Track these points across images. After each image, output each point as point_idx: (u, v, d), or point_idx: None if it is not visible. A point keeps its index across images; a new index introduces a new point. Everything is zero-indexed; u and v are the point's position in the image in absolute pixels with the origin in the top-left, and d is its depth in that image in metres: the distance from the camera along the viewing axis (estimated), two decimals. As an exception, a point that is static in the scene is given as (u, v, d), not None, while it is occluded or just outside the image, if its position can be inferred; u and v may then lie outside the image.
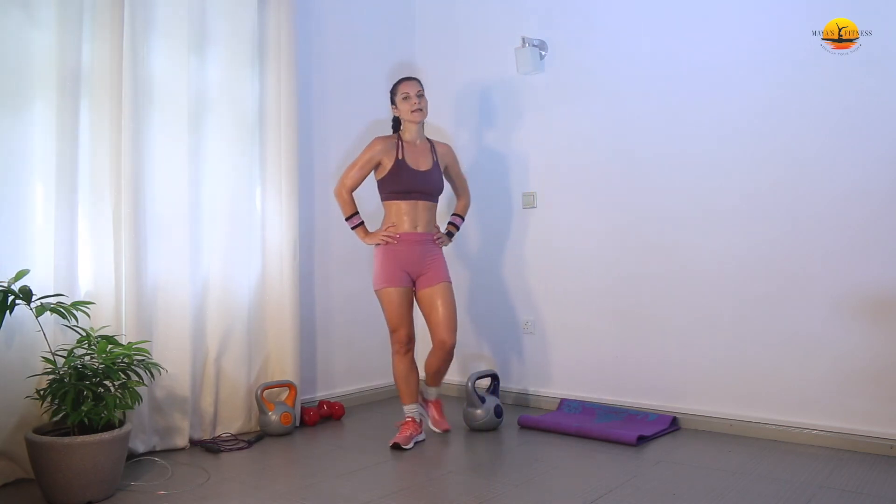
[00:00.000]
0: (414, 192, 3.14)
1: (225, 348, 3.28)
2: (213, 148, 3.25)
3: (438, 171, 3.24)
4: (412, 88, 3.14)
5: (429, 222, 3.20)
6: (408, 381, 3.21)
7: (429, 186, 3.18)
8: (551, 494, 2.49)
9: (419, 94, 3.15)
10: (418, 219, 3.16)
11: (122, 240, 2.89)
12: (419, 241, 3.17)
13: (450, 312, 3.16)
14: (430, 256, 3.19)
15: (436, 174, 3.22)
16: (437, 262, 3.21)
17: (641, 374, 3.56)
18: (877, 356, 2.94)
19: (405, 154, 3.16)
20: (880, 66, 2.93)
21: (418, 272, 3.17)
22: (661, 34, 3.49)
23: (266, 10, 3.46)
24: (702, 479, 2.64)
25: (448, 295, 3.18)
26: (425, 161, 3.20)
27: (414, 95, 3.13)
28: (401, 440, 3.07)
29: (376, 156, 3.16)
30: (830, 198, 3.04)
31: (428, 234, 3.19)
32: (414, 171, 3.14)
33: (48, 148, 2.71)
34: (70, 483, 2.35)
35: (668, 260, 3.47)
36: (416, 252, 3.15)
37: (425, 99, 3.20)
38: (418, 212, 3.16)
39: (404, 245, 3.14)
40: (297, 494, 2.50)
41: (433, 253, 3.21)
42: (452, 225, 3.40)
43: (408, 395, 3.21)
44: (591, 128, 3.72)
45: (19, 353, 2.61)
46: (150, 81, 3.01)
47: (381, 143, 3.18)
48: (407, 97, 3.13)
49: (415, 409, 3.23)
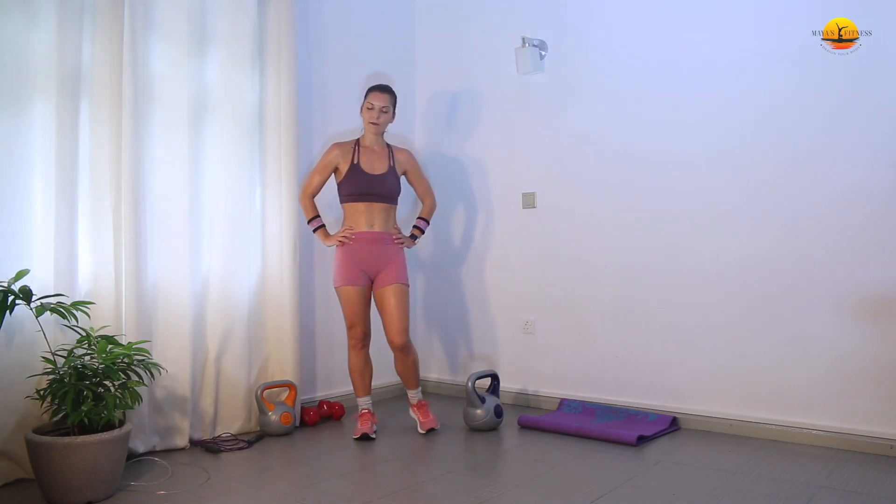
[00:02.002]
0: (368, 194, 3.27)
1: (225, 348, 3.28)
2: (212, 148, 3.25)
3: (394, 175, 3.34)
4: (378, 101, 3.29)
5: (385, 222, 3.31)
6: (362, 374, 3.35)
7: (382, 189, 3.29)
8: (551, 494, 2.49)
9: (383, 109, 3.29)
10: (374, 219, 3.28)
11: (121, 240, 2.89)
12: (374, 239, 3.27)
13: (400, 313, 3.26)
14: (386, 256, 3.29)
15: (390, 178, 3.32)
16: (393, 263, 3.29)
17: (641, 374, 3.56)
18: (877, 356, 2.94)
19: (360, 158, 3.30)
20: (880, 66, 2.93)
21: (375, 270, 3.28)
22: (661, 34, 3.49)
23: (266, 10, 3.46)
24: (702, 479, 2.64)
25: (399, 296, 3.26)
26: (380, 165, 3.32)
27: (378, 109, 3.28)
28: (366, 429, 3.24)
29: (333, 160, 3.31)
30: (831, 198, 3.04)
31: (384, 233, 3.30)
32: (368, 175, 3.27)
33: (48, 148, 2.71)
34: (70, 483, 2.35)
35: (669, 260, 3.47)
36: (371, 250, 3.26)
37: (389, 114, 3.33)
38: (374, 213, 3.28)
39: (360, 243, 3.26)
40: (297, 494, 2.50)
41: (390, 253, 3.30)
42: (417, 228, 3.48)
43: (361, 388, 3.36)
44: (591, 128, 3.72)
45: (19, 353, 2.61)
46: (150, 81, 3.01)
47: (338, 148, 3.33)
48: (371, 108, 3.29)
49: (368, 401, 3.37)
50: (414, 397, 3.42)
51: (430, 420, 3.37)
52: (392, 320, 3.25)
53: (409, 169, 3.45)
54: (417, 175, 3.49)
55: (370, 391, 3.39)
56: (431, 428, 3.34)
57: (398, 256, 3.33)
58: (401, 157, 3.42)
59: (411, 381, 3.40)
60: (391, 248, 3.31)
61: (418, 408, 3.40)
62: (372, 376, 3.40)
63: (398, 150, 3.43)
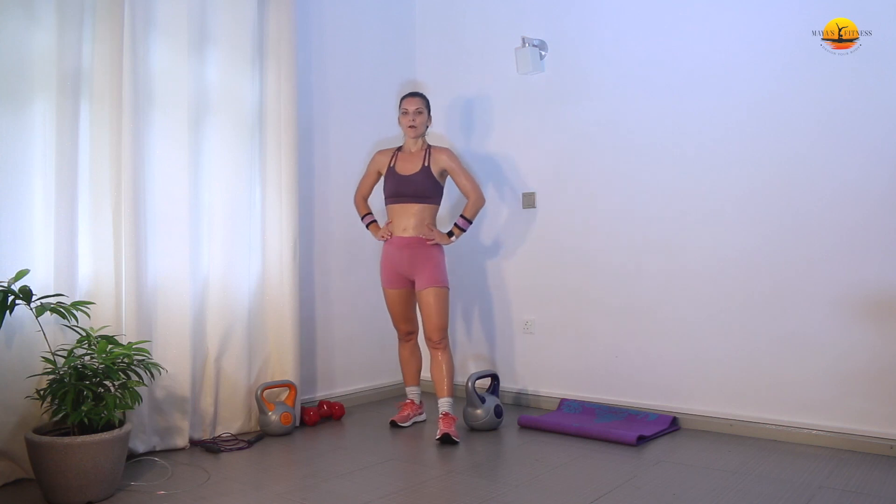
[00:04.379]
0: (399, 195, 3.38)
1: (225, 348, 3.28)
2: (213, 147, 3.25)
3: (426, 174, 3.36)
4: (411, 105, 3.39)
5: (418, 225, 3.36)
6: (408, 364, 3.60)
7: (412, 188, 3.35)
8: (551, 494, 2.49)
9: (417, 111, 3.38)
10: (408, 221, 3.36)
11: (122, 240, 2.89)
12: (406, 244, 3.36)
13: (435, 313, 3.32)
14: (421, 259, 3.34)
15: (421, 177, 3.35)
16: (428, 265, 3.33)
17: (641, 374, 3.56)
18: (877, 356, 2.94)
19: (397, 162, 3.43)
20: (880, 66, 2.93)
21: (411, 274, 3.38)
22: (661, 34, 3.49)
23: (266, 10, 3.46)
24: (702, 479, 2.64)
25: (434, 298, 3.31)
26: (413, 166, 3.39)
27: (412, 112, 3.38)
28: (398, 418, 3.45)
29: (375, 166, 3.53)
30: (831, 198, 3.04)
31: (416, 237, 3.35)
32: (400, 176, 3.38)
33: (48, 148, 2.71)
34: (70, 483, 2.35)
35: (668, 260, 3.47)
36: (403, 255, 3.36)
37: (424, 115, 3.42)
38: (407, 214, 3.37)
39: (394, 247, 3.40)
40: (297, 494, 2.50)
41: (425, 255, 3.34)
42: (456, 226, 3.43)
43: (408, 377, 3.60)
44: (591, 128, 3.72)
45: (19, 353, 2.61)
46: (150, 81, 3.01)
47: (380, 154, 3.52)
48: (405, 113, 3.40)
49: (415, 391, 3.58)
50: (443, 406, 3.27)
51: (453, 430, 3.18)
52: (429, 321, 3.33)
53: (448, 167, 3.41)
54: (458, 172, 3.42)
55: (417, 381, 3.60)
56: (446, 434, 3.14)
57: (433, 258, 3.35)
58: (438, 155, 3.41)
59: (442, 388, 3.30)
60: (424, 250, 3.35)
61: (444, 418, 3.23)
62: (419, 367, 3.62)
63: (436, 150, 3.44)
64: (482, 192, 3.52)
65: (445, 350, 3.36)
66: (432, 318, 3.32)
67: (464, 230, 3.44)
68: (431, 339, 3.34)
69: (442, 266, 3.37)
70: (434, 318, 3.31)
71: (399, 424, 3.43)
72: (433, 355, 3.37)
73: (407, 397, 3.58)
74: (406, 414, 3.48)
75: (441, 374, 3.33)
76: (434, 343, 3.35)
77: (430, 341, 3.36)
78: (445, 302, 3.34)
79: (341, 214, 3.95)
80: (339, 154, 3.96)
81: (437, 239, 3.36)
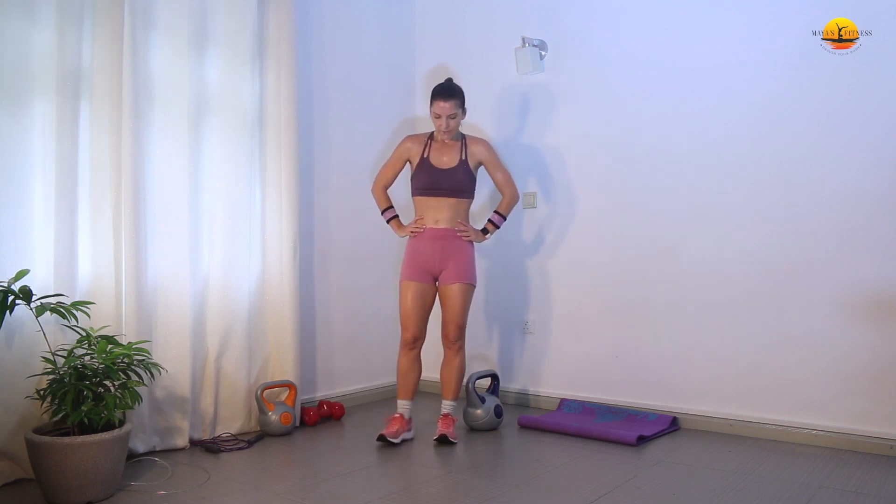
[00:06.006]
0: (435, 189, 3.20)
1: (225, 348, 3.28)
2: (213, 147, 3.25)
3: (465, 168, 3.22)
4: (444, 111, 3.13)
5: (452, 218, 3.21)
6: (407, 376, 3.25)
7: (450, 183, 3.19)
8: (551, 494, 2.49)
9: (450, 116, 3.15)
10: (440, 214, 3.20)
11: (122, 240, 2.88)
12: (439, 236, 3.20)
13: (458, 310, 3.19)
14: (451, 252, 3.19)
15: (460, 172, 3.21)
16: (458, 260, 3.20)
17: (641, 374, 3.56)
18: (877, 356, 2.94)
19: (431, 152, 3.23)
20: (880, 66, 2.93)
21: (440, 268, 3.21)
22: (661, 34, 3.49)
23: (266, 10, 3.45)
24: (702, 479, 2.64)
25: (460, 295, 3.19)
26: (450, 159, 3.22)
27: (445, 118, 3.14)
28: (389, 434, 3.11)
29: (404, 153, 3.29)
30: (831, 197, 3.05)
31: (449, 229, 3.20)
32: (436, 169, 3.20)
33: (48, 148, 2.71)
34: (70, 483, 2.34)
35: (669, 260, 3.47)
36: (436, 247, 3.19)
37: (458, 119, 3.19)
38: (441, 208, 3.20)
39: (425, 239, 3.21)
40: (297, 494, 2.50)
41: (455, 249, 3.20)
42: (490, 222, 3.33)
43: (404, 391, 3.25)
44: (591, 128, 3.72)
45: (19, 353, 2.61)
46: (150, 81, 3.01)
47: (411, 141, 3.30)
48: (438, 118, 3.16)
49: (407, 406, 3.24)
50: (445, 407, 3.25)
51: (450, 432, 3.17)
52: (451, 317, 3.20)
53: (485, 160, 3.28)
54: (495, 165, 3.31)
55: (412, 395, 3.24)
56: (444, 435, 3.13)
57: (464, 253, 3.21)
58: (475, 147, 3.27)
59: (449, 390, 3.25)
60: (456, 244, 3.20)
61: (443, 418, 3.22)
62: (418, 380, 3.28)
63: (473, 141, 3.29)
64: (517, 188, 3.39)
65: (460, 352, 3.25)
66: (456, 314, 3.18)
67: (498, 227, 3.35)
68: (449, 336, 3.22)
69: (473, 263, 3.25)
70: (457, 315, 3.19)
71: (389, 440, 3.09)
72: (447, 355, 3.26)
73: (397, 411, 3.22)
74: (396, 429, 3.13)
75: (451, 375, 3.25)
76: (451, 342, 3.22)
77: (447, 339, 3.23)
78: (470, 301, 3.23)
79: (341, 214, 3.95)
80: (339, 154, 3.95)
81: (471, 235, 3.24)
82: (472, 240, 3.26)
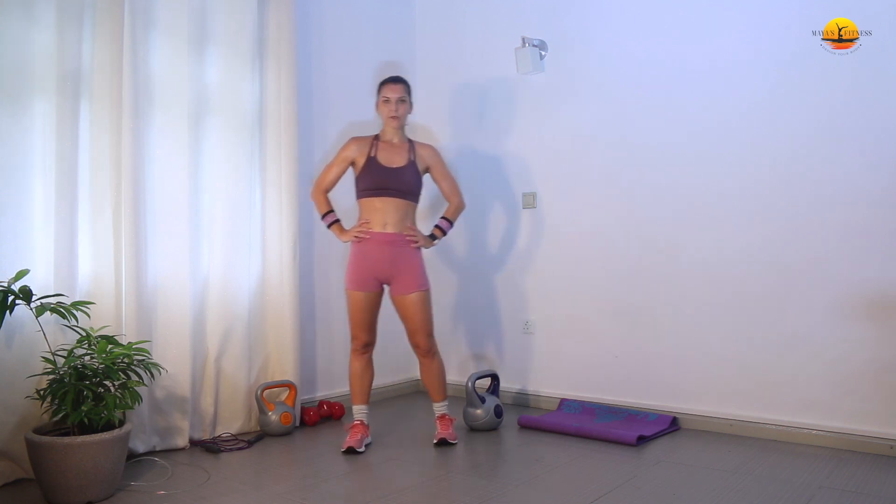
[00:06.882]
0: (384, 188, 3.08)
1: (225, 348, 3.28)
2: (213, 147, 3.25)
3: (413, 169, 3.15)
4: (393, 93, 3.11)
5: (400, 221, 3.10)
6: (361, 378, 3.18)
7: (399, 183, 3.09)
8: (551, 494, 2.49)
9: (400, 99, 3.11)
10: (388, 217, 3.08)
11: (121, 240, 2.89)
12: (388, 241, 3.08)
13: (423, 318, 3.12)
14: (401, 260, 3.09)
15: (409, 172, 3.13)
16: (409, 267, 3.10)
17: (641, 374, 3.56)
18: (876, 356, 2.94)
19: (378, 152, 3.13)
20: (880, 66, 2.93)
21: (389, 275, 3.10)
22: (660, 34, 3.49)
23: (266, 10, 3.45)
24: (702, 479, 2.64)
25: (420, 304, 3.10)
26: (399, 159, 3.13)
27: (394, 101, 3.10)
28: (355, 443, 3.03)
29: (349, 154, 3.16)
30: (831, 198, 3.05)
31: (398, 234, 3.09)
32: (385, 168, 3.09)
33: (48, 148, 2.71)
34: (70, 483, 2.35)
35: (668, 260, 3.47)
36: (385, 253, 3.07)
37: (407, 104, 3.16)
38: (389, 210, 3.08)
39: (373, 245, 3.08)
40: (297, 494, 2.50)
41: (406, 256, 3.10)
42: (438, 228, 3.26)
43: (359, 395, 3.18)
44: (591, 127, 3.72)
45: (19, 353, 2.61)
46: (150, 81, 3.01)
47: (356, 142, 3.17)
48: (387, 101, 3.11)
49: (364, 411, 3.18)
50: (438, 409, 3.24)
51: (449, 434, 3.16)
52: (415, 326, 3.12)
53: (433, 165, 3.23)
54: (442, 172, 3.26)
55: (367, 400, 3.19)
56: (444, 439, 3.13)
57: (414, 260, 3.12)
58: (423, 152, 3.21)
59: (436, 392, 3.23)
60: (406, 251, 3.10)
61: (440, 420, 3.22)
62: (371, 384, 3.22)
63: (421, 146, 3.23)
64: (463, 197, 3.33)
65: (436, 356, 3.20)
66: (422, 324, 3.11)
67: (445, 233, 3.27)
68: (421, 346, 3.15)
69: (424, 268, 3.17)
70: (423, 324, 3.11)
71: (356, 450, 3.00)
72: (423, 363, 3.20)
73: (355, 418, 3.15)
74: (360, 438, 3.07)
75: (433, 379, 3.21)
76: (424, 351, 3.16)
77: (418, 349, 3.17)
78: (431, 305, 3.16)
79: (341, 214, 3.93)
80: (339, 154, 3.95)
81: (420, 242, 3.14)
82: (422, 246, 3.16)
